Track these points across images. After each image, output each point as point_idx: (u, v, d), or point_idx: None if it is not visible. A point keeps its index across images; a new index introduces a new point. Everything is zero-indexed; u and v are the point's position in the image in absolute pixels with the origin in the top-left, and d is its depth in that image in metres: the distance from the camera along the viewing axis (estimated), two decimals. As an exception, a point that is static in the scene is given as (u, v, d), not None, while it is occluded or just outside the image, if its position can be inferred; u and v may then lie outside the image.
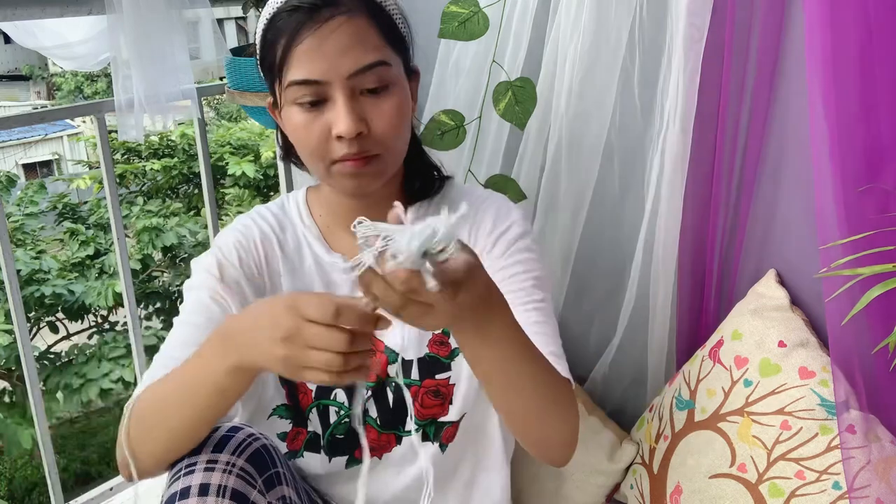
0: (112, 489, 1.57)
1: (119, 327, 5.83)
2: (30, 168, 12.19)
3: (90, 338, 5.88)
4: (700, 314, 1.29)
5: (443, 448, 1.01)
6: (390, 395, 1.00)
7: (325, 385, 0.73)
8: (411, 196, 1.01)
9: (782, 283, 1.16)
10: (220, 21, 1.55)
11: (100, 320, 5.98)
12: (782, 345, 1.08)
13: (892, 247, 0.86)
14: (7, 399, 5.37)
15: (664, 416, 1.20)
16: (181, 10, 1.38)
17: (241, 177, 6.20)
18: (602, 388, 1.39)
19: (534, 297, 0.94)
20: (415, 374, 0.98)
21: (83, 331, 6.00)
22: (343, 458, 1.02)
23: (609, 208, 1.33)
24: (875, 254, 0.89)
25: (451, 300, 0.65)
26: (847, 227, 0.96)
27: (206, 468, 0.79)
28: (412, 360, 0.98)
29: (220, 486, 0.78)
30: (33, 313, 5.39)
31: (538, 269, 0.97)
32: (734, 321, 1.15)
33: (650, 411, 1.27)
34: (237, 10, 1.58)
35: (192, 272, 0.99)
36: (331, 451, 1.02)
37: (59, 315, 5.67)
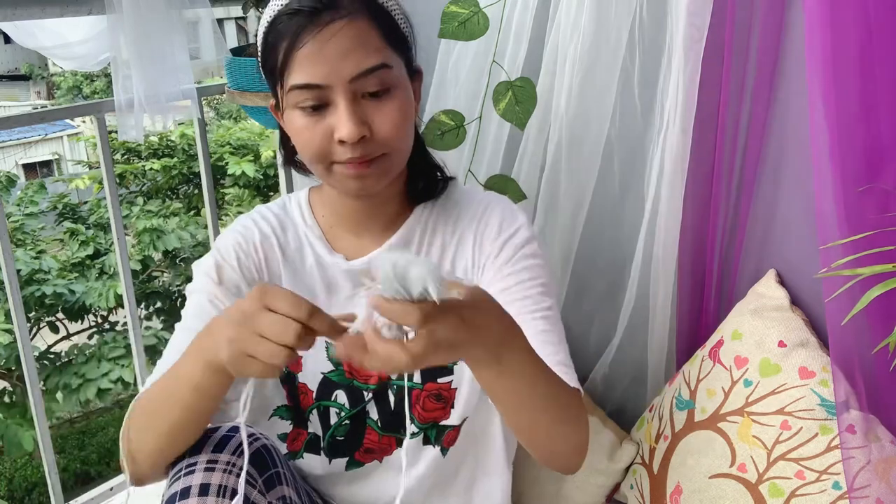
0: (112, 489, 1.57)
1: (119, 327, 5.83)
2: (30, 168, 12.19)
3: (90, 338, 5.88)
4: (700, 314, 1.29)
5: (444, 452, 1.01)
6: (391, 398, 0.99)
7: (253, 376, 0.72)
8: (415, 197, 1.00)
9: (782, 283, 1.16)
10: (220, 21, 1.55)
11: (100, 320, 5.98)
12: (782, 345, 1.08)
13: (892, 247, 0.86)
14: (7, 399, 5.37)
15: (664, 416, 1.20)
16: (181, 10, 1.38)
17: (241, 177, 6.19)
18: (602, 388, 1.39)
19: (541, 305, 0.93)
20: (417, 378, 0.97)
21: (83, 331, 6.00)
22: (343, 460, 1.02)
23: (609, 208, 1.33)
24: (875, 254, 0.88)
25: (421, 333, 0.63)
26: (847, 227, 0.96)
27: (207, 468, 0.79)
28: None
29: (220, 486, 0.78)
30: (33, 313, 5.39)
31: (545, 276, 0.96)
32: (734, 321, 1.15)
33: (650, 411, 1.27)
34: (237, 10, 1.58)
35: (194, 275, 0.99)
36: (331, 452, 1.01)
37: (59, 315, 5.67)
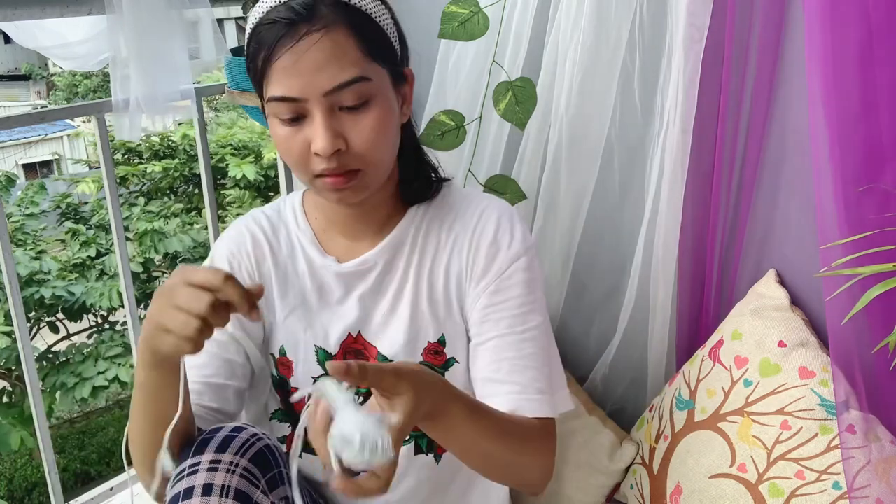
0: (112, 489, 1.56)
1: (118, 327, 5.83)
2: (30, 168, 12.19)
3: (90, 337, 5.88)
4: (700, 314, 1.29)
5: (437, 459, 1.01)
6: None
7: (169, 355, 0.73)
8: (407, 199, 1.00)
9: (782, 283, 1.16)
10: (220, 21, 1.55)
11: (100, 320, 5.98)
12: (782, 345, 1.08)
13: (892, 247, 0.86)
14: (6, 399, 5.37)
15: (664, 416, 1.20)
16: (181, 10, 1.38)
17: (242, 178, 6.19)
18: (602, 388, 1.39)
19: (528, 325, 0.94)
20: None
21: (83, 331, 6.00)
22: None
23: (609, 208, 1.33)
24: (875, 254, 0.89)
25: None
26: (847, 227, 0.96)
27: (210, 468, 0.79)
28: None
29: (223, 486, 0.78)
30: (33, 314, 5.39)
31: (537, 290, 0.96)
32: (734, 321, 1.15)
33: (650, 411, 1.27)
34: (237, 10, 1.58)
35: None
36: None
37: (59, 315, 5.67)
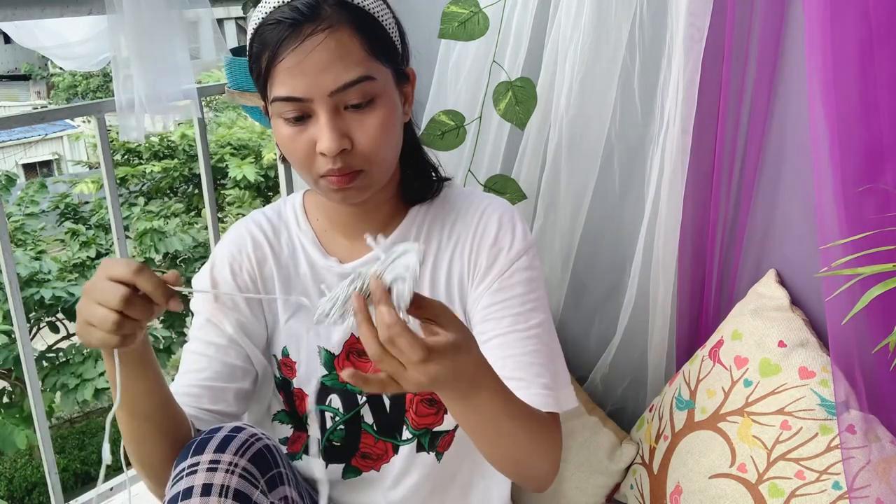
0: (112, 489, 1.56)
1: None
2: (30, 168, 12.19)
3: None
4: (700, 314, 1.29)
5: (439, 457, 1.01)
6: (386, 402, 0.99)
7: (102, 348, 0.74)
8: (408, 199, 1.00)
9: (782, 283, 1.16)
10: (220, 21, 1.55)
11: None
12: (782, 345, 1.08)
13: (892, 247, 0.86)
14: (6, 399, 5.37)
15: (664, 416, 1.20)
16: (181, 10, 1.38)
17: (242, 179, 6.19)
18: (602, 388, 1.39)
19: (532, 322, 0.94)
20: None
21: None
22: (340, 466, 1.02)
23: (609, 208, 1.33)
24: (875, 254, 0.89)
25: (422, 368, 0.67)
26: (847, 227, 0.96)
27: (209, 468, 0.79)
28: None
29: (222, 486, 0.78)
30: (33, 314, 5.39)
31: (538, 289, 0.96)
32: (734, 321, 1.15)
33: (650, 411, 1.27)
34: (237, 10, 1.58)
35: (194, 293, 0.99)
36: (328, 457, 1.01)
37: (59, 315, 5.67)
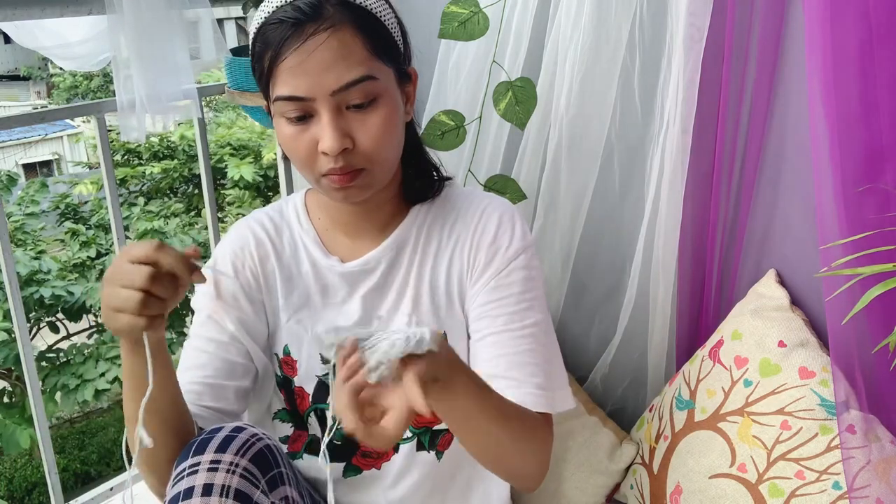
0: (112, 489, 1.56)
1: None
2: (30, 168, 12.19)
3: (90, 338, 5.88)
4: (700, 314, 1.29)
5: (439, 456, 1.01)
6: None
7: (128, 334, 0.74)
8: (410, 198, 1.00)
9: (782, 283, 1.16)
10: (220, 21, 1.55)
11: (99, 321, 5.98)
12: (782, 345, 1.08)
13: (892, 247, 0.86)
14: (6, 399, 5.37)
15: (664, 416, 1.20)
16: (181, 10, 1.38)
17: (240, 179, 6.19)
18: (602, 388, 1.39)
19: (526, 322, 0.94)
20: None
21: (83, 331, 6.00)
22: (340, 465, 1.02)
23: (609, 208, 1.33)
24: (875, 254, 0.89)
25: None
26: (847, 227, 0.96)
27: (210, 468, 0.79)
28: None
29: (223, 486, 0.78)
30: (33, 314, 5.39)
31: (536, 289, 0.96)
32: (734, 321, 1.15)
33: (650, 411, 1.27)
34: (237, 10, 1.58)
35: (195, 290, 0.99)
36: (329, 455, 1.01)
37: (59, 315, 5.67)
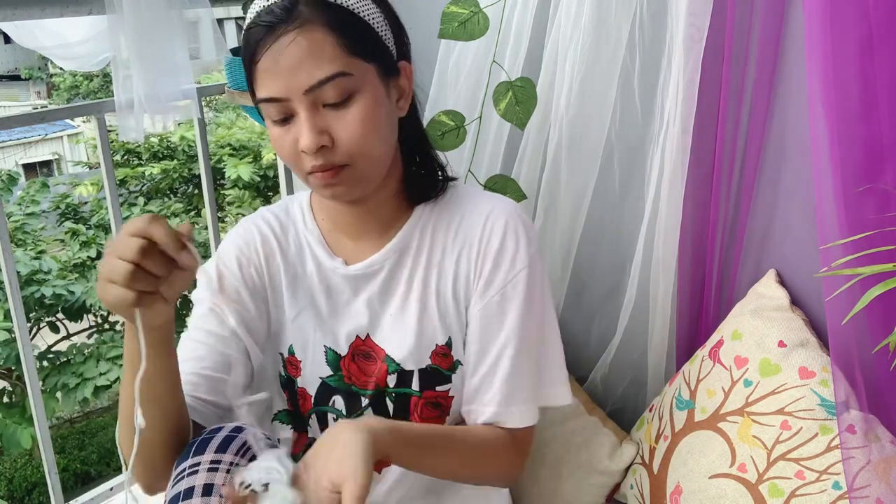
0: (112, 489, 1.56)
1: (119, 327, 5.83)
2: (30, 168, 12.20)
3: (90, 337, 5.88)
4: (700, 314, 1.29)
5: None
6: (390, 405, 0.98)
7: (119, 309, 0.73)
8: (413, 197, 0.99)
9: (782, 283, 1.16)
10: (220, 21, 1.55)
11: (100, 320, 5.98)
12: (782, 345, 1.08)
13: (892, 247, 0.86)
14: (7, 399, 5.37)
15: (664, 416, 1.20)
16: (181, 10, 1.38)
17: (238, 179, 6.19)
18: (602, 388, 1.39)
19: (526, 335, 0.96)
20: (415, 385, 0.97)
21: (83, 331, 6.00)
22: None
23: (609, 208, 1.33)
24: (875, 254, 0.89)
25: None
26: (847, 227, 0.96)
27: (210, 468, 0.79)
28: (412, 371, 0.97)
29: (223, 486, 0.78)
30: (33, 313, 5.39)
31: (536, 299, 0.97)
32: (734, 321, 1.15)
33: (650, 411, 1.27)
34: (237, 10, 1.58)
35: (197, 282, 0.99)
36: None
37: (59, 315, 5.67)
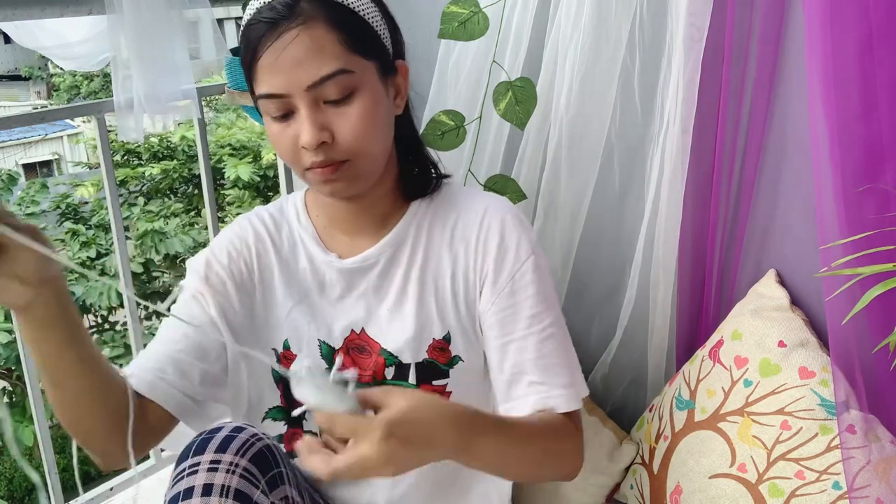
0: (112, 489, 1.56)
1: (119, 327, 5.83)
2: (30, 168, 12.20)
3: (90, 337, 5.87)
4: (700, 314, 1.29)
5: None
6: None
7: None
8: (408, 194, 1.00)
9: (782, 283, 1.16)
10: (220, 21, 1.55)
11: (100, 321, 5.98)
12: (782, 345, 1.08)
13: (892, 247, 0.86)
14: (7, 399, 5.37)
15: (664, 416, 1.20)
16: (181, 10, 1.38)
17: (237, 179, 6.19)
18: (602, 388, 1.39)
19: (545, 323, 0.95)
20: (412, 379, 0.97)
21: (83, 331, 5.99)
22: None
23: (609, 208, 1.33)
24: (875, 254, 0.89)
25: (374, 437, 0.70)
26: (847, 227, 0.96)
27: (210, 468, 0.79)
28: (409, 364, 0.97)
29: (223, 486, 0.78)
30: (33, 314, 5.38)
31: (547, 289, 0.97)
32: (734, 321, 1.15)
33: (650, 411, 1.27)
34: (237, 10, 1.57)
35: (186, 272, 1.01)
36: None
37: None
